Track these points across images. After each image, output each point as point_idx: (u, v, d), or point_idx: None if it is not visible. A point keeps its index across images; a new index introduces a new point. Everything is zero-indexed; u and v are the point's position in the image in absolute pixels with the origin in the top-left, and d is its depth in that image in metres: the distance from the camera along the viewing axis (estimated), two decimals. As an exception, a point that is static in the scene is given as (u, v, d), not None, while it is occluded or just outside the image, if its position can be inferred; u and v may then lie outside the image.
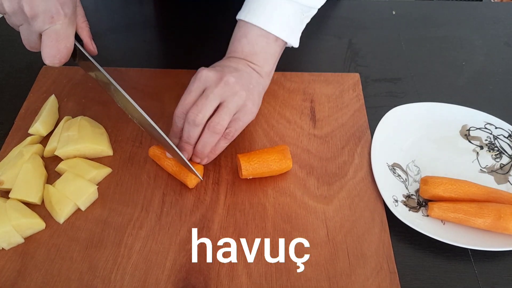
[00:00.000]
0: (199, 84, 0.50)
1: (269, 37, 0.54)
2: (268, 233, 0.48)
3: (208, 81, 0.50)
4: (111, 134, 0.57)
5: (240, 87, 0.50)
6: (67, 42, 0.46)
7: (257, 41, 0.54)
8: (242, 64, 0.54)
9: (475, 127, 0.59)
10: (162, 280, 0.45)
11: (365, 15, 0.77)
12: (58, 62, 0.47)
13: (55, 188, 0.50)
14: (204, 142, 0.50)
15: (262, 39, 0.54)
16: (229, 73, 0.50)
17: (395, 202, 0.50)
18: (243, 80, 0.51)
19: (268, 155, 0.51)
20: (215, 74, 0.50)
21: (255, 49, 0.54)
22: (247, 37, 0.54)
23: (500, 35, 0.74)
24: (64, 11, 0.45)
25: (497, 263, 0.47)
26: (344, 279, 0.45)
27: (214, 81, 0.49)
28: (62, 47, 0.46)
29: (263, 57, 0.55)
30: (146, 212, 0.50)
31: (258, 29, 0.54)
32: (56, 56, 0.46)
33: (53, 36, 0.45)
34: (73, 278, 0.45)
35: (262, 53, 0.55)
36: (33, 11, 0.43)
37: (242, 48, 0.55)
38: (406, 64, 0.69)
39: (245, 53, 0.55)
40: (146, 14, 0.78)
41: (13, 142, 0.56)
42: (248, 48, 0.54)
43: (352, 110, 0.61)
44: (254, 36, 0.54)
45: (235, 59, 0.55)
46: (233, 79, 0.50)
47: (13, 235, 0.46)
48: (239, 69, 0.53)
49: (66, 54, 0.47)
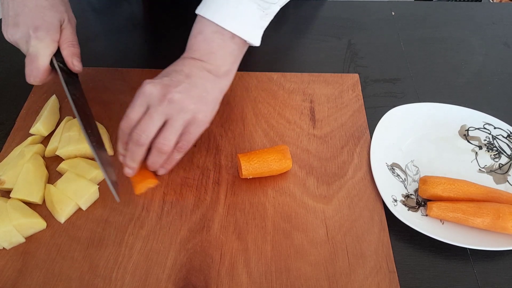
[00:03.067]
0: (143, 99, 0.47)
1: (225, 34, 0.50)
2: (268, 233, 0.49)
3: (152, 98, 0.47)
4: (112, 134, 0.58)
5: (188, 101, 0.47)
6: (38, 63, 0.51)
7: (212, 38, 0.50)
8: (197, 67, 0.50)
9: (474, 127, 0.59)
10: (163, 279, 0.45)
11: (364, 16, 0.78)
12: (33, 81, 0.52)
13: (56, 187, 0.50)
14: (153, 160, 0.49)
15: (217, 35, 0.50)
16: (176, 86, 0.47)
17: (394, 201, 0.50)
18: (194, 90, 0.48)
19: (268, 155, 0.51)
20: (159, 91, 0.47)
21: (211, 47, 0.51)
22: (203, 34, 0.51)
23: (499, 35, 0.74)
24: (35, 35, 0.50)
25: (496, 263, 0.47)
26: (344, 278, 0.45)
27: (158, 98, 0.46)
28: (34, 67, 0.51)
29: (220, 56, 0.51)
30: (146, 212, 0.50)
31: (213, 25, 0.50)
32: (31, 75, 0.52)
33: (28, 57, 0.51)
34: (74, 277, 0.45)
35: (219, 52, 0.51)
36: (14, 38, 0.51)
37: (198, 46, 0.51)
38: (405, 64, 0.69)
39: (201, 52, 0.51)
40: (146, 14, 0.78)
41: (14, 142, 0.56)
42: (204, 46, 0.51)
43: (351, 110, 0.61)
44: (210, 33, 0.50)
45: (190, 61, 0.51)
46: (178, 95, 0.47)
47: (14, 235, 0.47)
48: (191, 75, 0.49)
49: (41, 73, 0.52)
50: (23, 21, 0.50)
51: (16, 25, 0.50)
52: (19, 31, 0.50)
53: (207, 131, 0.58)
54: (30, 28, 0.50)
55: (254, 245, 0.48)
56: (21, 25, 0.50)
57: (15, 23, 0.50)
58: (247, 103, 0.62)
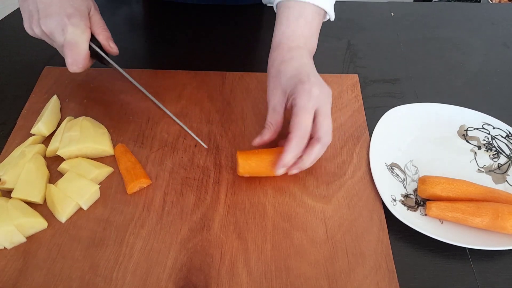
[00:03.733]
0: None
1: (321, 14, 0.55)
2: (268, 232, 0.49)
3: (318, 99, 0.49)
4: (113, 134, 0.58)
5: (320, 92, 0.50)
6: (80, 49, 0.52)
7: (313, 20, 0.54)
8: (306, 57, 0.53)
9: (473, 127, 0.59)
10: (163, 279, 0.45)
11: (364, 17, 0.78)
12: (78, 68, 0.53)
13: (57, 187, 0.50)
14: (316, 154, 0.50)
15: (316, 16, 0.54)
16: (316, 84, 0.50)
17: (394, 201, 0.51)
18: (318, 79, 0.51)
19: (267, 155, 0.52)
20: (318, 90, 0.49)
21: (312, 30, 0.54)
22: (304, 16, 0.53)
23: (498, 36, 0.75)
24: (70, 22, 0.51)
25: (495, 262, 0.47)
26: (343, 277, 0.46)
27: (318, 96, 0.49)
28: (76, 54, 0.52)
29: (316, 38, 0.55)
30: (147, 211, 0.51)
31: (312, 6, 0.53)
32: (74, 63, 0.52)
33: (67, 46, 0.51)
34: (75, 277, 0.45)
35: (316, 33, 0.55)
36: (49, 29, 0.51)
37: (301, 31, 0.53)
38: (405, 65, 0.69)
39: (305, 37, 0.54)
40: (146, 15, 0.79)
41: (15, 142, 0.56)
42: (307, 29, 0.54)
43: (351, 111, 0.61)
44: (311, 14, 0.53)
45: (300, 51, 0.53)
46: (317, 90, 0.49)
47: (15, 234, 0.47)
48: (309, 64, 0.52)
49: (82, 60, 0.52)
50: (55, 10, 0.51)
51: (49, 15, 0.50)
52: (53, 20, 0.50)
53: (207, 131, 0.58)
54: (64, 16, 0.50)
55: (254, 244, 0.48)
56: (54, 14, 0.50)
57: (47, 14, 0.51)
58: (247, 103, 0.62)
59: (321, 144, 0.49)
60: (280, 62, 0.52)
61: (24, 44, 0.71)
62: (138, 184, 0.52)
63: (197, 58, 0.69)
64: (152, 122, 0.59)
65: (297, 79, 0.49)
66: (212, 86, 0.64)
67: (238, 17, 0.77)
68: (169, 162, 0.55)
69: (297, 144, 0.48)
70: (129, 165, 0.53)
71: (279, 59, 0.52)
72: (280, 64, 0.52)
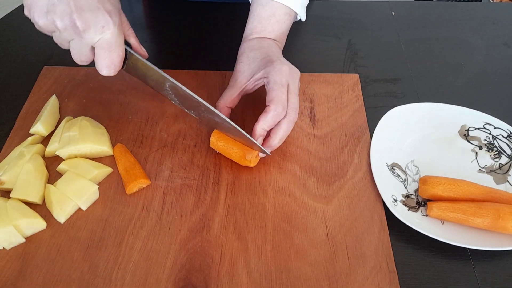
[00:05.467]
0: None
1: (292, 15, 0.58)
2: (268, 233, 0.49)
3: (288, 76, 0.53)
4: (112, 134, 0.58)
5: (290, 69, 0.53)
6: (119, 51, 0.47)
7: (284, 20, 0.57)
8: (275, 47, 0.57)
9: (474, 127, 0.59)
10: (163, 280, 0.45)
11: (364, 16, 0.78)
12: (113, 71, 0.48)
13: (56, 188, 0.50)
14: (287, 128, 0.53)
15: (287, 17, 0.57)
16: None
17: (394, 201, 0.50)
18: (286, 61, 0.55)
19: (234, 146, 0.53)
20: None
21: (283, 29, 0.58)
22: (276, 16, 0.57)
23: (499, 35, 0.74)
24: (112, 20, 0.45)
25: (496, 263, 0.47)
26: (344, 278, 0.45)
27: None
28: (115, 56, 0.47)
29: (285, 36, 0.59)
30: (146, 212, 0.50)
31: (284, 7, 0.57)
32: (111, 65, 0.47)
33: (105, 46, 0.46)
34: (74, 278, 0.45)
35: (285, 32, 0.59)
36: (85, 24, 0.44)
37: (272, 28, 0.57)
38: (406, 64, 0.69)
39: (275, 33, 0.58)
40: (146, 15, 0.79)
41: (14, 142, 0.56)
42: (278, 27, 0.58)
43: (351, 110, 0.61)
44: (282, 15, 0.57)
45: (268, 41, 0.57)
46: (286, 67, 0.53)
47: (14, 235, 0.46)
48: (278, 52, 0.57)
49: (119, 62, 0.48)
50: (93, 4, 0.44)
51: (88, 9, 0.44)
52: (93, 16, 0.44)
53: (207, 131, 0.58)
54: (105, 12, 0.45)
55: (254, 245, 0.48)
56: (94, 9, 0.44)
57: (83, 7, 0.43)
58: (247, 103, 0.62)
59: (287, 119, 0.51)
60: (250, 50, 0.56)
61: (23, 44, 0.71)
62: (138, 184, 0.51)
63: (197, 58, 0.69)
64: (151, 122, 0.59)
65: (267, 61, 0.53)
66: (212, 86, 0.64)
67: (238, 16, 0.76)
68: (169, 162, 0.55)
69: (273, 116, 0.50)
70: (128, 165, 0.53)
71: (250, 48, 0.56)
72: (250, 51, 0.56)
